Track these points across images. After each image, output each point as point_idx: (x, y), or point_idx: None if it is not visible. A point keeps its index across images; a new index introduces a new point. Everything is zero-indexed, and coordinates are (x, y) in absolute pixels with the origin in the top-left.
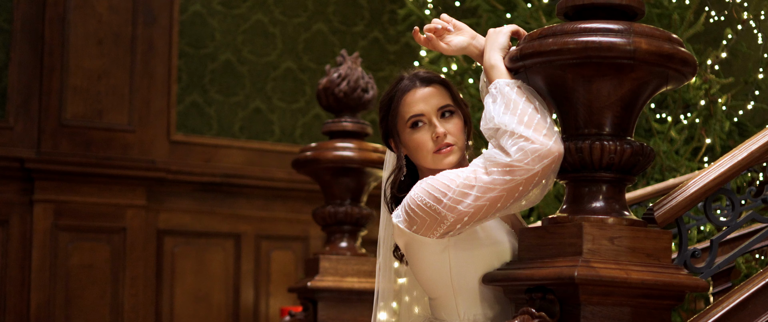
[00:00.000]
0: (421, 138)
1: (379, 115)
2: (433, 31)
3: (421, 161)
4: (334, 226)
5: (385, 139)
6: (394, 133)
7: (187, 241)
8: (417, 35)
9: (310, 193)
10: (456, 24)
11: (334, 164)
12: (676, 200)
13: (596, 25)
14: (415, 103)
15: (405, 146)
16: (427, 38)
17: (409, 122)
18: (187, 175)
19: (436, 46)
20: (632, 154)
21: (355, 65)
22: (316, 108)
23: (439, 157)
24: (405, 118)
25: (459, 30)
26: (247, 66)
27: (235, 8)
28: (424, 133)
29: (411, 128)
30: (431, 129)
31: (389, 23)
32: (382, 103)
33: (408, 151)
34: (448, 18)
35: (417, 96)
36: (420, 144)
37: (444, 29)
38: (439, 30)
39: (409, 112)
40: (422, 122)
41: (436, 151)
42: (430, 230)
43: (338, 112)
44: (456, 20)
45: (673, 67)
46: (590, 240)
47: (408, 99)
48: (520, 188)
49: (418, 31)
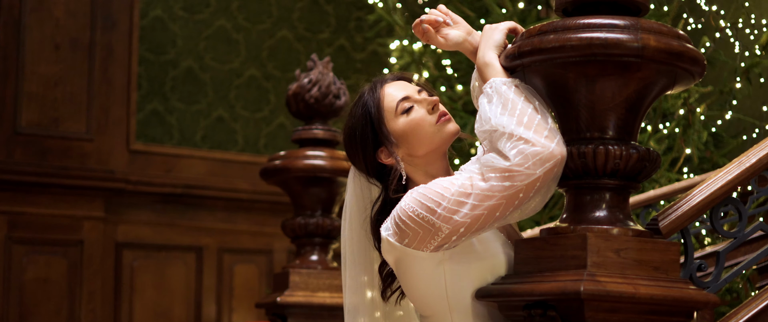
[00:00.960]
0: (417, 116)
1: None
2: (431, 24)
3: (425, 143)
4: (305, 238)
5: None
6: (385, 136)
7: (147, 254)
8: (418, 27)
9: (275, 205)
10: (453, 17)
11: (305, 173)
12: (682, 210)
13: (601, 21)
14: (396, 91)
15: (402, 141)
16: (424, 30)
17: (399, 109)
18: (146, 186)
19: (432, 40)
20: (639, 160)
21: (327, 70)
22: (281, 117)
23: (442, 126)
24: (392, 108)
25: (456, 24)
26: (209, 73)
27: (198, 13)
28: (418, 110)
29: (403, 114)
30: (422, 105)
31: (356, 31)
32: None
33: (407, 143)
34: (445, 10)
35: (393, 87)
36: (419, 121)
37: (443, 22)
38: (439, 23)
39: (395, 98)
40: (410, 104)
41: (438, 120)
42: (424, 242)
43: (308, 119)
44: (453, 14)
45: (682, 67)
46: (595, 252)
47: (386, 92)
48: (520, 195)
49: (419, 23)
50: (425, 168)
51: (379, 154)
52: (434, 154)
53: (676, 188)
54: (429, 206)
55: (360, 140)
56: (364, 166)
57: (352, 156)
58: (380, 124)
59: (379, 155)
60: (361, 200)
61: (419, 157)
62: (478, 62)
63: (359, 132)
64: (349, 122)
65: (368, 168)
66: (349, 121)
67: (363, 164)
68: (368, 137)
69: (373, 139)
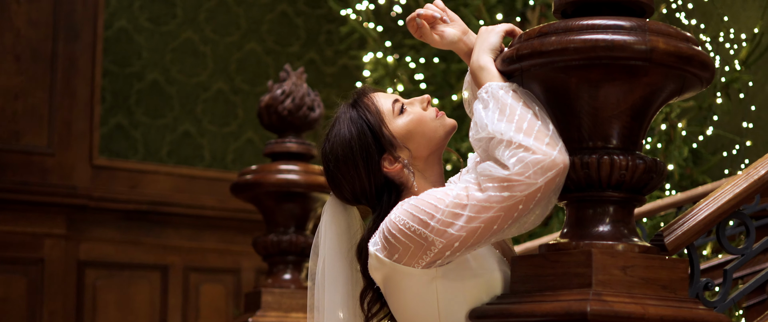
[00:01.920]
0: (416, 112)
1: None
2: (427, 19)
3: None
4: (277, 256)
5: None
6: (388, 140)
7: (110, 273)
8: (412, 22)
9: (243, 222)
10: (450, 14)
11: (278, 188)
12: (688, 225)
13: (605, 22)
14: (382, 97)
15: (406, 140)
16: (418, 25)
17: (397, 107)
18: (110, 202)
19: (426, 36)
20: (645, 171)
21: (300, 81)
22: (250, 132)
23: (443, 120)
24: (389, 109)
25: (452, 21)
26: (175, 86)
27: (164, 25)
28: (415, 108)
29: (401, 114)
30: (414, 104)
31: (326, 44)
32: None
33: (411, 141)
34: (442, 6)
35: (376, 95)
36: (420, 116)
37: (440, 18)
38: (436, 18)
39: (387, 101)
40: (403, 105)
41: (437, 114)
42: (415, 258)
43: (281, 132)
44: (450, 11)
45: (692, 71)
46: (601, 269)
47: (375, 99)
48: (519, 207)
49: (414, 18)
50: (424, 173)
51: (383, 162)
52: (435, 156)
53: (659, 204)
54: (421, 219)
55: (361, 152)
56: (366, 182)
57: (349, 176)
58: (381, 127)
59: (383, 164)
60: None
61: (421, 160)
62: (472, 65)
63: (358, 144)
64: (338, 141)
65: (370, 184)
66: (339, 141)
67: (365, 180)
68: (371, 145)
69: (376, 146)
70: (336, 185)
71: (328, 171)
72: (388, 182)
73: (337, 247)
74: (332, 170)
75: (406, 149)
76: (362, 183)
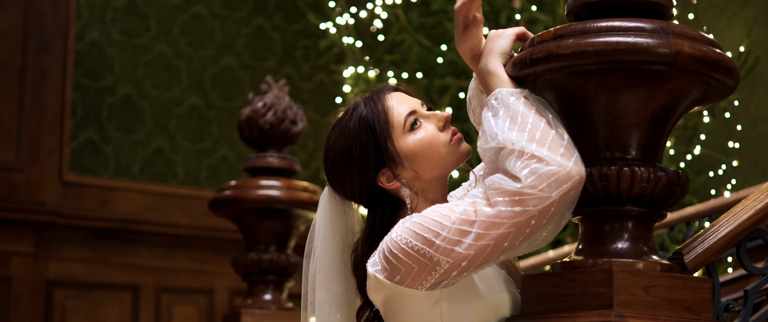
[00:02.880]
0: (428, 133)
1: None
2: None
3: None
4: (257, 276)
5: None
6: (389, 155)
7: (80, 293)
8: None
9: (217, 241)
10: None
11: (259, 204)
12: (708, 243)
13: (626, 24)
14: (399, 104)
15: (411, 160)
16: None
17: (408, 124)
18: (80, 220)
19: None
20: (667, 184)
21: (282, 94)
22: (224, 149)
23: (456, 146)
24: (400, 122)
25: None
26: (148, 101)
27: (137, 38)
28: (428, 127)
29: (410, 130)
30: (431, 121)
31: (303, 59)
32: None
33: (416, 162)
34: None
35: (394, 99)
36: (431, 139)
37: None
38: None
39: (401, 113)
40: (418, 119)
41: (452, 138)
42: (418, 279)
43: (262, 147)
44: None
45: (717, 78)
46: (622, 289)
47: (389, 105)
48: (532, 223)
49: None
50: (425, 194)
51: (380, 177)
52: (440, 180)
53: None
54: (426, 237)
55: (358, 160)
56: (357, 191)
57: (342, 179)
58: (386, 141)
59: (380, 179)
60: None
61: (424, 182)
62: (480, 70)
63: (358, 151)
64: (340, 139)
65: (361, 193)
66: (341, 139)
67: (357, 189)
68: (371, 157)
69: (376, 159)
70: (330, 180)
71: (326, 162)
72: (382, 195)
73: (331, 243)
74: (329, 164)
75: (409, 169)
76: (353, 190)
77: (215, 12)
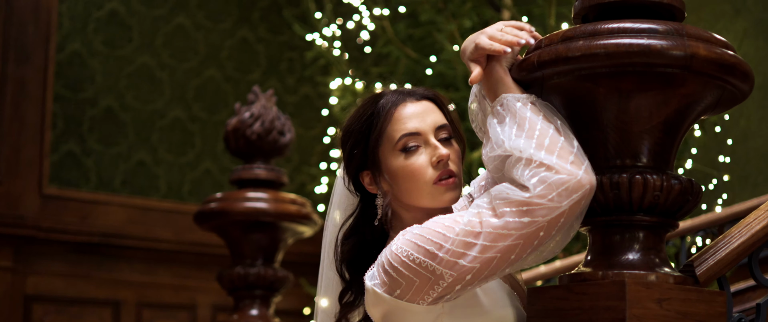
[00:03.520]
0: (416, 163)
1: (347, 143)
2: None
3: (413, 197)
4: (244, 290)
5: (353, 173)
6: (374, 162)
7: (59, 308)
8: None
9: (199, 256)
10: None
11: (246, 217)
12: (720, 254)
13: (638, 25)
14: (408, 119)
15: (390, 179)
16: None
17: (401, 144)
18: (60, 233)
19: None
20: (681, 193)
21: (270, 104)
22: (207, 162)
23: (440, 190)
24: (394, 138)
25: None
26: (130, 113)
27: (119, 49)
28: (421, 157)
29: (402, 152)
30: (429, 151)
31: (288, 72)
32: (353, 126)
33: (394, 184)
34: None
35: (409, 111)
36: (415, 171)
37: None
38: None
39: (401, 129)
40: (417, 144)
41: (437, 180)
42: (420, 294)
43: (249, 158)
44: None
45: (732, 83)
46: (635, 303)
47: (398, 115)
48: (540, 234)
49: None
50: (400, 215)
51: (363, 176)
52: (421, 211)
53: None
54: (428, 249)
55: (350, 149)
56: (347, 175)
57: (342, 155)
58: (375, 148)
59: (363, 177)
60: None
61: (401, 203)
62: (484, 75)
63: (352, 141)
64: (351, 118)
65: (350, 181)
66: (352, 118)
67: (347, 173)
68: (358, 153)
69: (361, 157)
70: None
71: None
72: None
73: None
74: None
75: (388, 183)
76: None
77: (199, 23)
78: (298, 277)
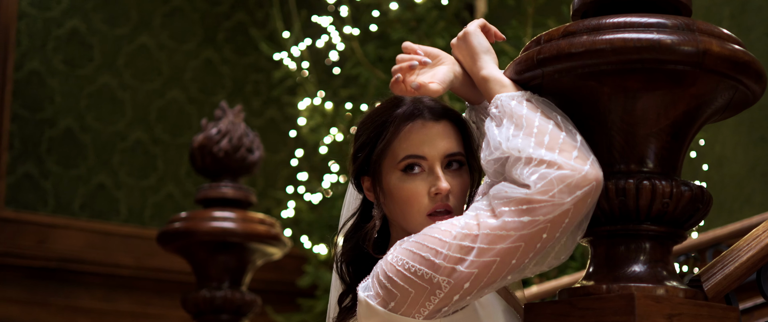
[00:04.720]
0: (413, 189)
1: (356, 143)
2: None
3: (404, 219)
4: (210, 315)
5: (355, 174)
6: (375, 172)
7: None
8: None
9: (161, 282)
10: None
11: (212, 237)
12: (729, 269)
13: (646, 19)
14: (418, 140)
15: (387, 194)
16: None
17: (403, 164)
18: (16, 258)
19: (427, 91)
20: (691, 201)
21: (238, 120)
22: (170, 186)
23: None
24: (398, 156)
25: (437, 58)
26: (90, 134)
27: (80, 68)
28: (420, 183)
29: (402, 172)
30: (430, 180)
31: (253, 94)
32: (366, 128)
33: (389, 200)
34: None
35: (421, 132)
36: (411, 197)
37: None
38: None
39: (407, 149)
40: (420, 168)
41: (432, 212)
42: (416, 305)
43: (216, 176)
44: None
45: (745, 83)
46: (645, 318)
47: (408, 132)
48: (543, 235)
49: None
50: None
51: (364, 180)
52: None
53: None
54: (425, 257)
55: (356, 149)
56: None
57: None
58: (378, 158)
59: (363, 181)
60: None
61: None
62: (476, 80)
63: (360, 141)
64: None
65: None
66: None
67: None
68: (362, 156)
69: (364, 163)
70: None
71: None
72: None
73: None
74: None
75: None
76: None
77: (162, 43)
78: (264, 304)
